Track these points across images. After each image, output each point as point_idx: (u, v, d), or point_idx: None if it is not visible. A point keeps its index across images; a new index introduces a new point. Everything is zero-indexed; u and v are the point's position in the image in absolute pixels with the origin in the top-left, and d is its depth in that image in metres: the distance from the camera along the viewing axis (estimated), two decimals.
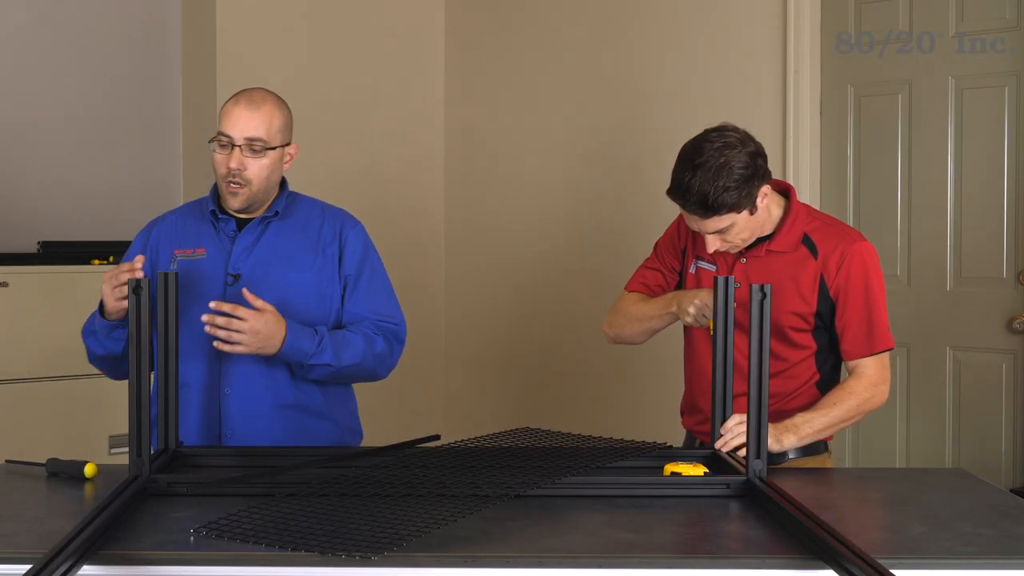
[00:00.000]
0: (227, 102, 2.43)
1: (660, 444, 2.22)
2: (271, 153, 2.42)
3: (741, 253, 2.45)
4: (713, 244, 2.37)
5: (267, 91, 2.47)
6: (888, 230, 3.60)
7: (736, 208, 2.29)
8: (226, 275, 2.44)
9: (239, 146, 2.38)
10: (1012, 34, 3.38)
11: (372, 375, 2.51)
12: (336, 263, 2.50)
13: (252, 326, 2.27)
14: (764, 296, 2.02)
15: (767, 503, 1.88)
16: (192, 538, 1.68)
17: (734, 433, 2.20)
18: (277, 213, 2.49)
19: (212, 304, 2.27)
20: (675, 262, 2.59)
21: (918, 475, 2.43)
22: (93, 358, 2.51)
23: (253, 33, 4.23)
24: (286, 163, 2.49)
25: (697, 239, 2.51)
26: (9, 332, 3.51)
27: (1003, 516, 1.91)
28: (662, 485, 2.02)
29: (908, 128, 3.59)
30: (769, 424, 2.21)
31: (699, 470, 2.07)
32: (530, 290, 4.46)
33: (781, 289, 2.39)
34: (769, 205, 2.40)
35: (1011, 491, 2.84)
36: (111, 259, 3.76)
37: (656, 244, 2.65)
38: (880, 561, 1.52)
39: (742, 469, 2.03)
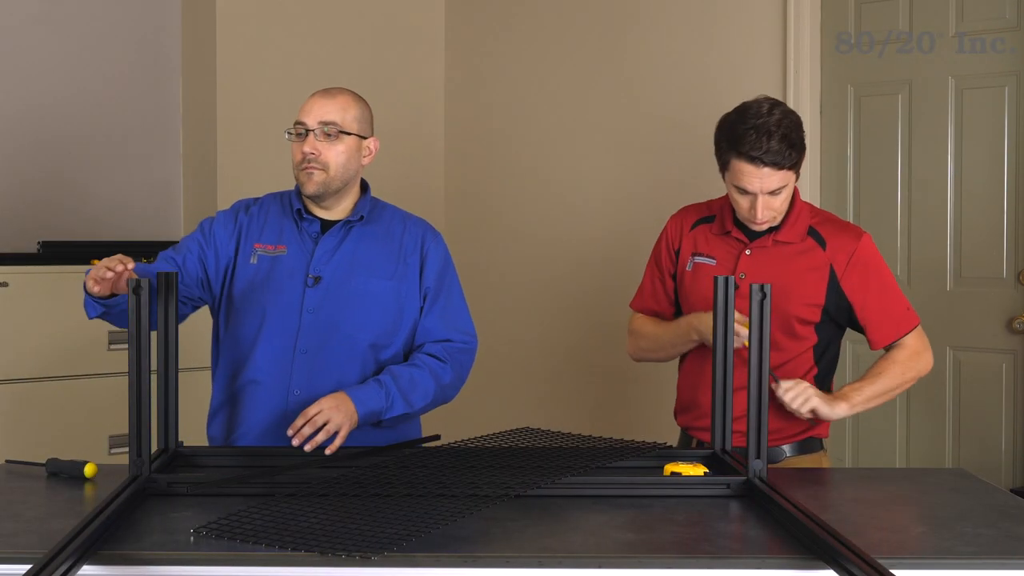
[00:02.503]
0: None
1: (660, 444, 2.22)
2: (347, 139, 2.42)
3: (745, 245, 2.46)
4: (764, 209, 2.35)
5: (345, 88, 2.51)
6: (888, 230, 3.60)
7: (796, 166, 2.34)
8: (307, 276, 2.43)
9: (312, 130, 2.39)
10: (1012, 34, 3.38)
11: (443, 403, 2.50)
12: (417, 274, 2.49)
13: (326, 408, 2.24)
14: (764, 296, 2.02)
15: (767, 503, 1.88)
16: (192, 538, 1.68)
17: (797, 391, 2.25)
18: (362, 218, 2.48)
19: (289, 432, 2.23)
20: (671, 265, 2.60)
21: (918, 475, 2.44)
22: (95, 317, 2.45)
23: (253, 33, 4.23)
24: (366, 157, 2.48)
25: (696, 236, 2.53)
26: (9, 332, 3.50)
27: (1003, 516, 1.91)
28: (662, 485, 2.02)
29: (908, 128, 3.59)
30: (818, 397, 2.26)
31: (699, 470, 2.07)
32: (529, 289, 4.46)
33: (789, 279, 2.40)
34: None
35: (1011, 491, 2.84)
36: None
37: (652, 256, 2.66)
38: (880, 561, 1.52)
39: (742, 469, 2.04)
